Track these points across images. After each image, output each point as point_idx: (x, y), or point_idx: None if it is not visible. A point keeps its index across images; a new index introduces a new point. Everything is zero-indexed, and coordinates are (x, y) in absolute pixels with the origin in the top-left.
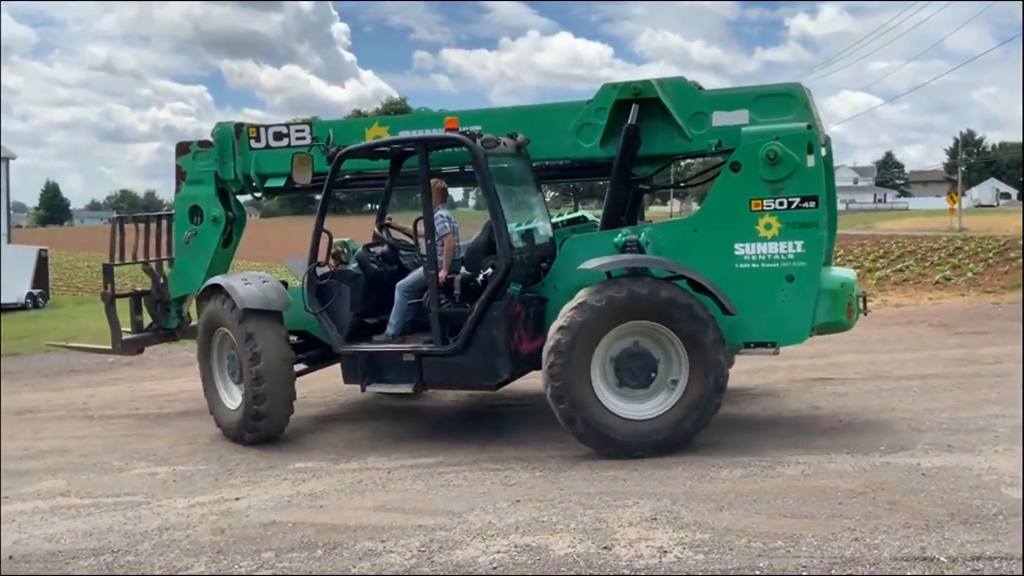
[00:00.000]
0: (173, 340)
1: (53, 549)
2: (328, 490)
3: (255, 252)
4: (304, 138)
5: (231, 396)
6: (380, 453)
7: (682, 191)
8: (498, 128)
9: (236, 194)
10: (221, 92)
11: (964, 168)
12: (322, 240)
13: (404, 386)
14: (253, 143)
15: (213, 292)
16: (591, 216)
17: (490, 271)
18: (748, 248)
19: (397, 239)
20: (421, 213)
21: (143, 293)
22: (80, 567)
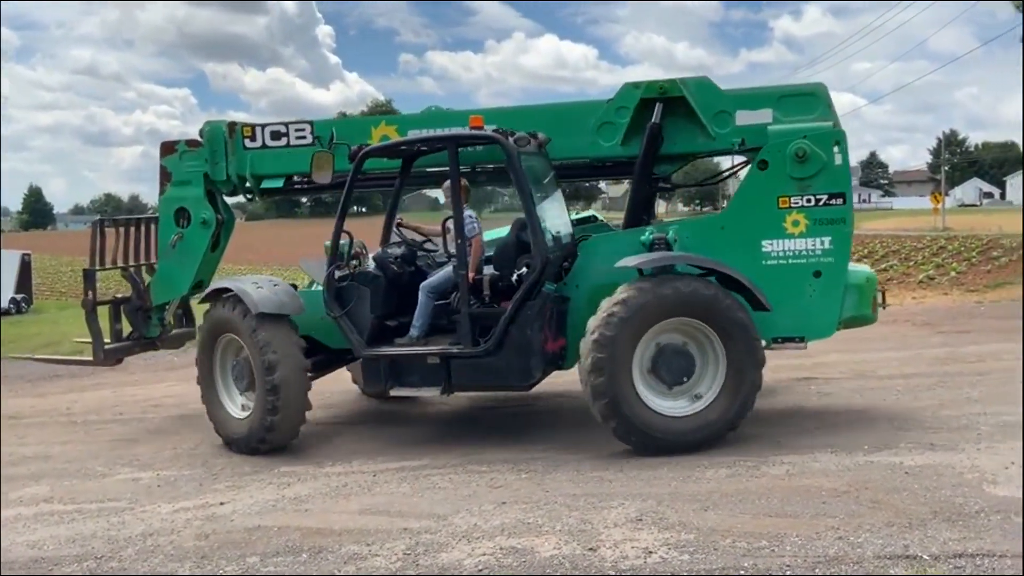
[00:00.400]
0: (153, 349)
1: (36, 556)
2: (313, 494)
3: (240, 255)
4: (304, 137)
5: (236, 405)
6: (365, 456)
7: (668, 193)
8: (515, 127)
9: (227, 195)
10: (205, 95)
11: (947, 168)
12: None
13: (430, 389)
14: (248, 142)
15: (220, 296)
16: (600, 216)
17: (524, 270)
18: (775, 245)
19: (413, 240)
20: (434, 215)
21: (123, 300)
22: (64, 573)
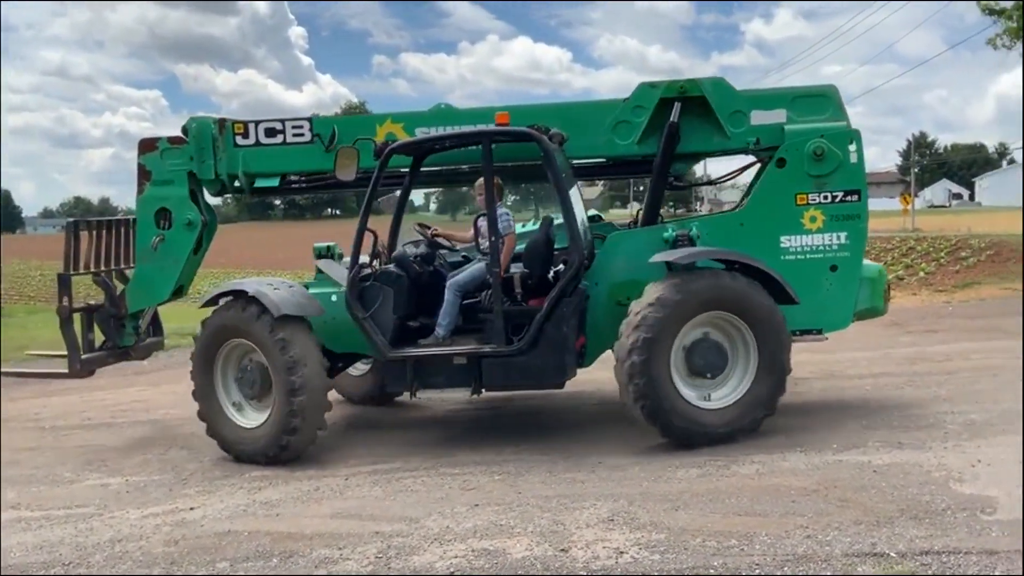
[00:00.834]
0: (127, 359)
1: (2, 563)
2: (284, 498)
3: (212, 259)
4: (303, 135)
5: (242, 414)
6: (337, 460)
7: (641, 195)
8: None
9: (214, 195)
10: (176, 96)
11: (917, 169)
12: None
13: (459, 391)
14: (239, 139)
15: (227, 299)
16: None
17: (562, 267)
18: (793, 240)
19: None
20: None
21: (96, 307)
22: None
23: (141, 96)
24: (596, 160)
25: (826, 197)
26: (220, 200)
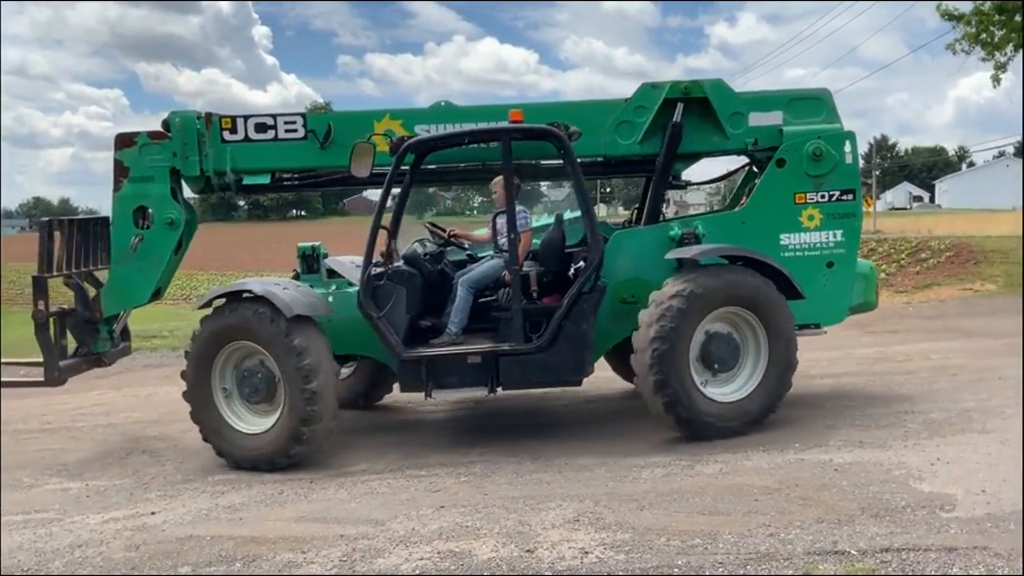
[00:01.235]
0: (100, 366)
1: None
2: (247, 502)
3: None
4: (296, 130)
5: (244, 420)
6: (301, 463)
7: (608, 197)
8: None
9: (197, 193)
10: (138, 96)
11: (878, 172)
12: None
13: (476, 389)
14: (227, 135)
15: (229, 301)
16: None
17: (582, 264)
18: (792, 238)
19: (439, 236)
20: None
21: (69, 311)
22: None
23: (101, 95)
24: (594, 159)
25: (823, 196)
26: (219, 196)
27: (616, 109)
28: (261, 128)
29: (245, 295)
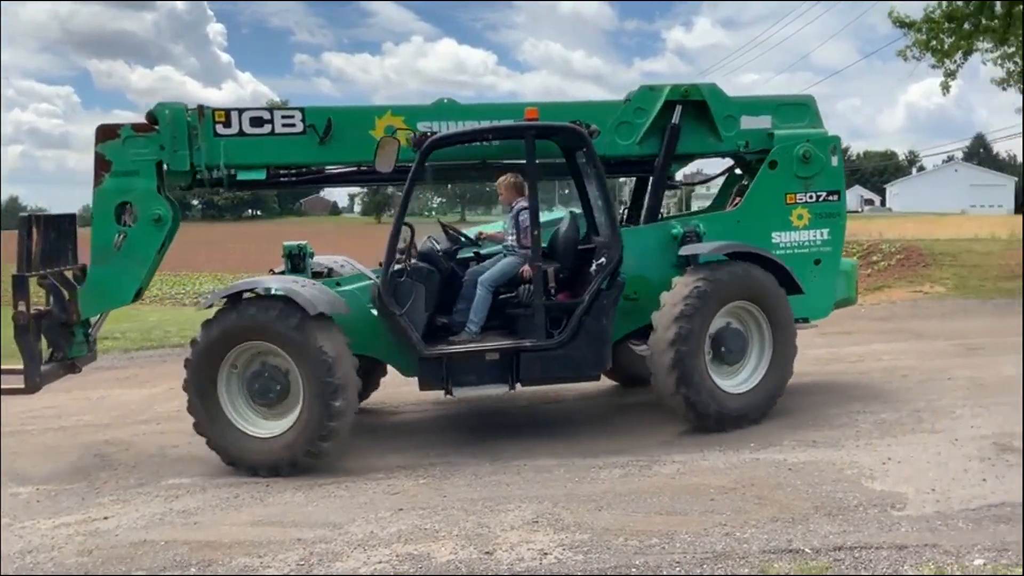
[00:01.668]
0: (73, 372)
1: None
2: (203, 506)
3: None
4: (294, 125)
5: (253, 423)
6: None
7: (567, 199)
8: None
9: (183, 189)
10: (89, 93)
11: None
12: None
13: (496, 387)
14: (220, 128)
15: (241, 300)
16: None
17: (603, 260)
18: (783, 236)
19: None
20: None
21: (44, 313)
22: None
23: (52, 92)
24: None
25: (811, 197)
26: (208, 192)
27: (615, 110)
28: (257, 122)
29: (246, 295)
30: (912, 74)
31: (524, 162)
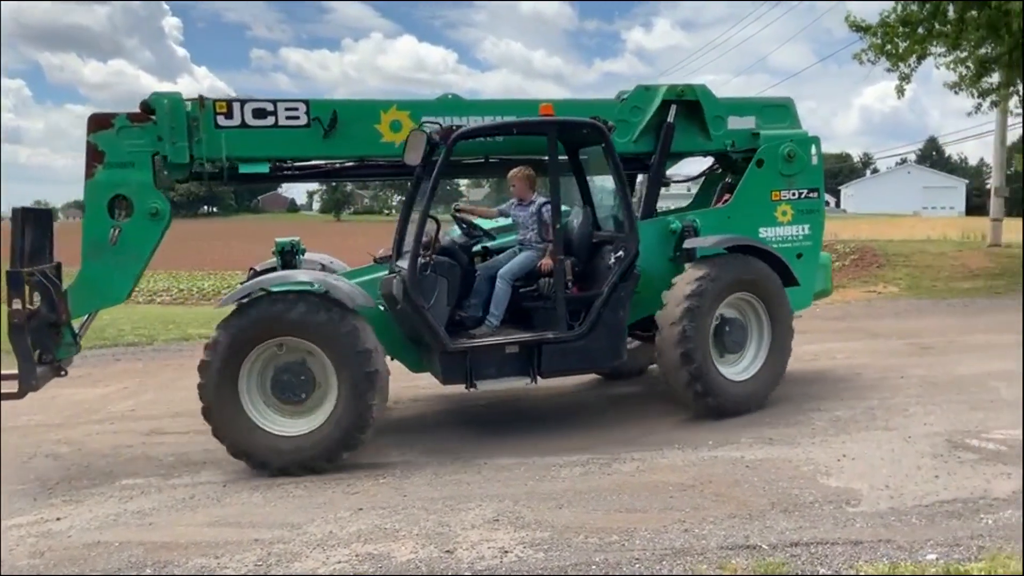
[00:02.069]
0: (60, 375)
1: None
2: (158, 507)
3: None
4: (298, 117)
5: (276, 422)
6: (214, 467)
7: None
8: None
9: (181, 181)
10: (40, 87)
11: None
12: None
13: (518, 379)
14: (221, 120)
15: (269, 296)
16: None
17: (621, 254)
18: (770, 231)
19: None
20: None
21: (32, 312)
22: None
23: (3, 86)
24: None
25: (794, 194)
26: (206, 184)
27: (612, 109)
28: (259, 114)
29: (258, 292)
30: (867, 77)
31: (520, 159)
